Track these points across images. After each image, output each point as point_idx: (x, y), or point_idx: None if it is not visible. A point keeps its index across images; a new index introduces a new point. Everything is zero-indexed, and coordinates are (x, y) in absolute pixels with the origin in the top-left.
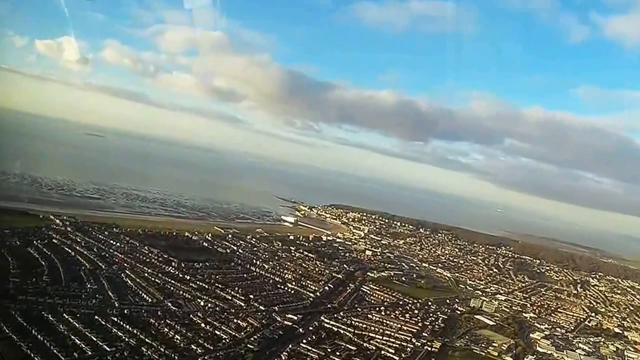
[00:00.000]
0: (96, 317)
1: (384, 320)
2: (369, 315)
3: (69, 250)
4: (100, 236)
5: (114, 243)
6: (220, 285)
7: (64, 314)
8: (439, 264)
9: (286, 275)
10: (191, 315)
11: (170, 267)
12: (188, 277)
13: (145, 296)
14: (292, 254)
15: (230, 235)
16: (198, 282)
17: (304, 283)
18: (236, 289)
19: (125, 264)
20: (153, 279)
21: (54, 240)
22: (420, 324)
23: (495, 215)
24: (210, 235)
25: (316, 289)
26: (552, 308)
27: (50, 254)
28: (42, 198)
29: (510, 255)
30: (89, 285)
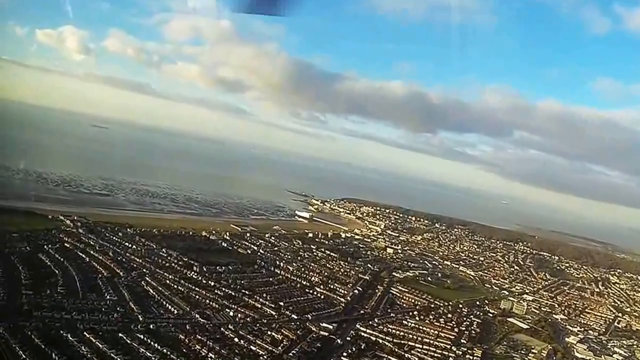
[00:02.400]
0: (120, 334)
1: (420, 327)
2: (404, 322)
3: (83, 256)
4: (114, 238)
5: (130, 245)
6: (247, 292)
7: (85, 332)
8: (461, 262)
9: (312, 278)
10: (222, 328)
11: (192, 272)
12: (212, 284)
13: (170, 307)
14: (314, 254)
15: (248, 234)
16: (223, 289)
17: (332, 286)
18: (264, 295)
19: (144, 270)
20: (175, 286)
21: (65, 244)
22: (456, 330)
23: (503, 208)
24: (228, 234)
25: (345, 292)
26: (580, 308)
27: (63, 261)
28: (49, 196)
29: (528, 252)
30: (108, 297)
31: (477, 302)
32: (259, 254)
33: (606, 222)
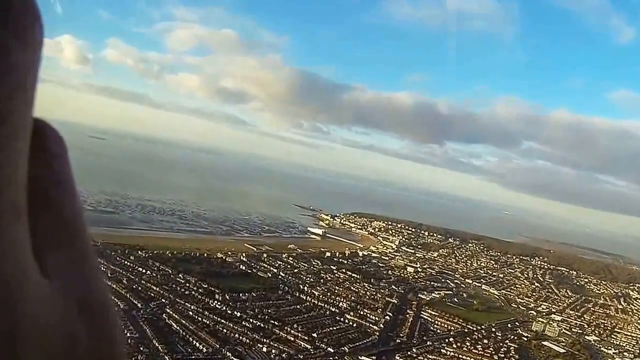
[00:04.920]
0: None
1: (459, 355)
2: (442, 350)
3: None
4: (126, 262)
5: (144, 271)
6: (276, 323)
7: None
8: (482, 280)
9: (340, 304)
10: None
11: (215, 301)
12: (238, 314)
13: (197, 344)
14: (336, 275)
15: (264, 254)
16: (251, 320)
17: (361, 312)
18: (295, 325)
19: (164, 300)
20: (199, 318)
21: None
22: (495, 357)
23: (507, 219)
24: (244, 255)
25: (377, 319)
26: (609, 328)
27: None
28: None
29: (546, 267)
30: (128, 334)
31: (509, 325)
32: (280, 277)
33: (614, 233)
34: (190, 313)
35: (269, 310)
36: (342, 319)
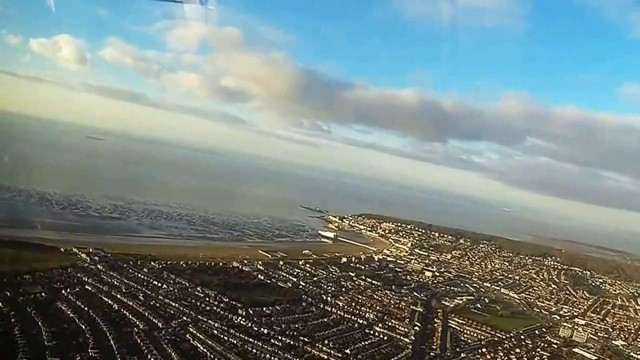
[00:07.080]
0: None
1: None
2: None
3: (110, 301)
4: (139, 275)
5: (159, 284)
6: (306, 339)
7: None
8: (499, 283)
9: (367, 315)
10: None
11: (239, 317)
12: (265, 331)
13: None
14: (356, 283)
15: (281, 262)
16: (279, 337)
17: (389, 323)
18: (325, 341)
19: (185, 317)
20: (225, 337)
21: (86, 287)
22: None
23: (507, 215)
24: (260, 263)
25: (406, 330)
26: (633, 331)
27: (88, 310)
28: (57, 222)
29: (559, 267)
30: (152, 359)
31: (536, 331)
32: (300, 287)
33: (616, 229)
34: (215, 332)
35: (296, 325)
36: (371, 332)
